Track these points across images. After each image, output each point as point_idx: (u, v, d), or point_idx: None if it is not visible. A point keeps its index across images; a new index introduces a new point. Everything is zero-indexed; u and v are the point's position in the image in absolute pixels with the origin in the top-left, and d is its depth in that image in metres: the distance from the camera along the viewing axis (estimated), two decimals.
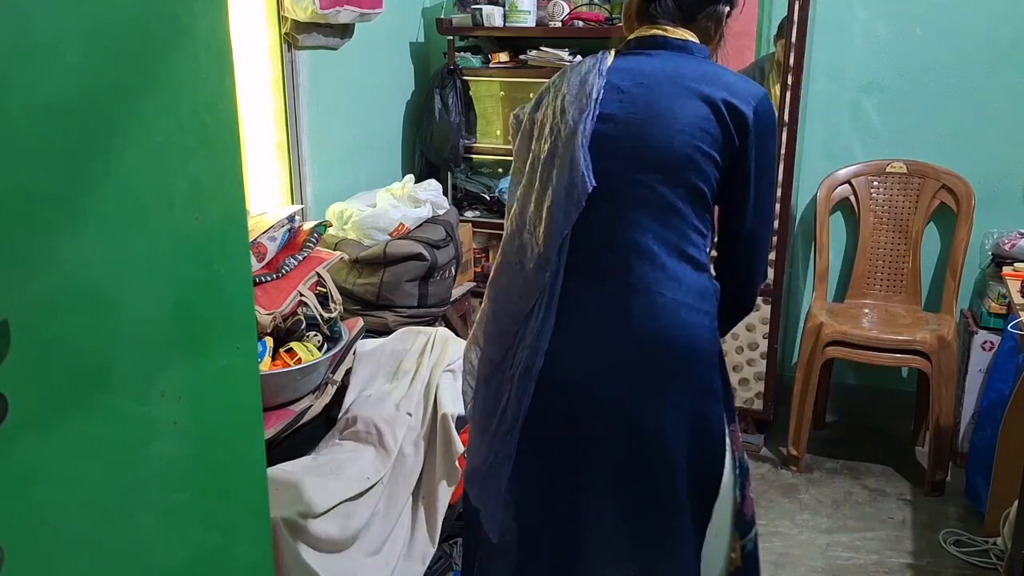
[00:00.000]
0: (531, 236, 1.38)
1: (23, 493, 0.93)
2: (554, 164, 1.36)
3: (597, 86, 1.35)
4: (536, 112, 1.46)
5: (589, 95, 1.34)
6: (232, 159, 1.15)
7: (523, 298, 1.38)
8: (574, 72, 1.41)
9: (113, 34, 0.95)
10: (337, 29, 2.69)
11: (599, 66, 1.39)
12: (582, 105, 1.34)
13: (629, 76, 1.37)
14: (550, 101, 1.42)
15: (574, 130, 1.33)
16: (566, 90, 1.38)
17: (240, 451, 1.26)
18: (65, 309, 0.94)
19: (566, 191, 1.32)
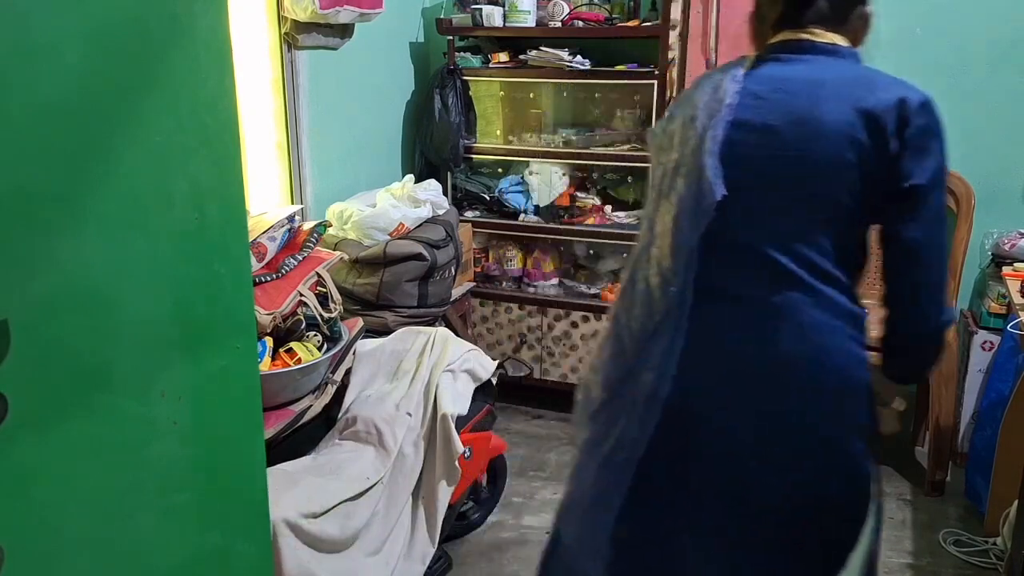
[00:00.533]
0: (658, 250, 1.27)
1: (23, 493, 0.93)
2: (679, 173, 1.26)
3: (731, 91, 1.25)
4: (670, 125, 1.34)
5: (721, 100, 1.25)
6: (232, 159, 1.15)
7: (648, 316, 1.27)
8: (707, 80, 1.32)
9: (113, 34, 0.95)
10: (337, 29, 2.69)
11: (733, 71, 1.29)
12: (712, 111, 1.24)
13: (768, 82, 1.26)
14: (682, 111, 1.32)
15: (702, 136, 1.23)
16: (698, 98, 1.29)
17: (240, 451, 1.26)
18: (65, 309, 0.94)
19: (694, 200, 1.22)
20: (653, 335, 1.26)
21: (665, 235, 1.27)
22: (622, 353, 1.32)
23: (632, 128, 3.19)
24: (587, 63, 3.09)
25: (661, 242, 1.27)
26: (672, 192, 1.27)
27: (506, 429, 3.22)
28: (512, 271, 3.37)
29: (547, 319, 3.29)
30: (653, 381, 1.25)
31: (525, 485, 2.84)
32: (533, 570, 1.61)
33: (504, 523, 2.62)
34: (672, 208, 1.26)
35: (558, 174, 3.24)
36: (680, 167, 1.27)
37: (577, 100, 3.35)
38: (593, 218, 3.23)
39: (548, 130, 3.31)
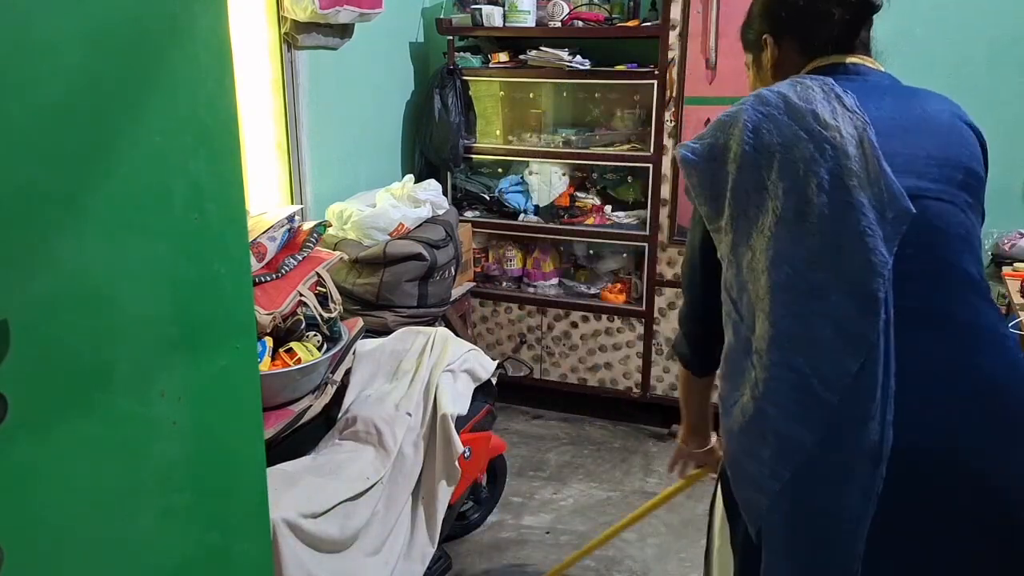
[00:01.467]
0: (827, 275, 1.08)
1: (23, 493, 0.93)
2: (847, 186, 1.09)
3: (854, 99, 1.15)
4: (761, 139, 1.15)
5: (852, 108, 1.13)
6: (232, 159, 1.15)
7: (844, 355, 1.06)
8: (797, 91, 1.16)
9: (113, 34, 0.95)
10: (337, 29, 2.69)
11: (834, 83, 1.18)
12: (851, 119, 1.12)
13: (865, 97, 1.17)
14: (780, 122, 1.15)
15: (861, 143, 1.10)
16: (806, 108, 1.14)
17: (240, 451, 1.26)
18: (65, 309, 0.94)
19: (879, 213, 1.07)
20: (857, 378, 1.05)
21: (837, 255, 1.08)
22: (817, 405, 1.07)
23: (632, 128, 3.19)
24: (587, 63, 3.09)
25: (835, 266, 1.09)
26: (844, 210, 1.08)
27: (506, 429, 3.22)
28: (512, 271, 3.37)
29: (547, 319, 3.29)
30: (872, 433, 1.04)
31: (525, 485, 2.84)
32: (533, 570, 1.61)
33: (504, 523, 2.62)
34: (847, 227, 1.08)
35: (558, 174, 3.24)
36: (842, 178, 1.09)
37: (577, 100, 3.35)
38: (593, 218, 3.23)
39: (548, 130, 3.31)
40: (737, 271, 1.18)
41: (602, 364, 3.26)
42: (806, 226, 1.10)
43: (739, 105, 1.19)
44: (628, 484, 2.86)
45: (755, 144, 1.15)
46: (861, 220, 1.07)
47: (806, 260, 1.10)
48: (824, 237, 1.09)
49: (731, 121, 1.18)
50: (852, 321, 1.06)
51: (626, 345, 3.20)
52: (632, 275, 3.26)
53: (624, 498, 2.77)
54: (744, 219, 1.16)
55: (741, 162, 1.16)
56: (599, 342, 3.24)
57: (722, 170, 1.19)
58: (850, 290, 1.07)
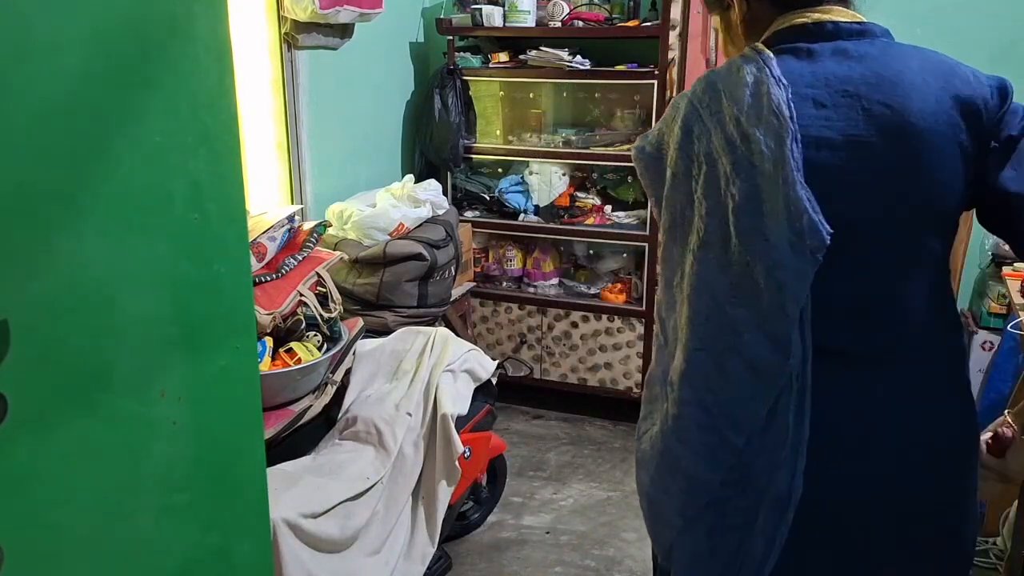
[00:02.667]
0: (746, 311, 0.98)
1: (23, 493, 0.93)
2: (759, 211, 0.96)
3: (783, 98, 0.97)
4: (691, 145, 1.03)
5: (778, 112, 0.96)
6: (232, 159, 1.14)
7: (752, 398, 0.99)
8: (731, 83, 1.01)
9: (113, 34, 0.95)
10: (337, 29, 2.69)
11: (770, 71, 0.99)
12: (773, 127, 0.96)
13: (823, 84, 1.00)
14: (708, 126, 1.01)
15: (778, 160, 0.95)
16: (734, 110, 0.99)
17: (240, 451, 1.25)
18: (65, 309, 0.94)
19: (791, 245, 0.94)
20: (767, 421, 0.99)
21: (755, 293, 0.97)
22: (721, 447, 1.01)
23: (632, 128, 3.19)
24: (587, 63, 3.09)
25: (752, 301, 0.98)
26: (753, 237, 0.97)
27: (506, 429, 3.22)
28: (512, 271, 3.37)
29: (547, 319, 3.29)
30: (780, 481, 0.99)
31: (525, 485, 2.84)
32: (533, 570, 1.60)
33: (504, 523, 2.62)
34: (759, 260, 0.97)
35: (558, 174, 3.24)
36: (756, 201, 0.97)
37: (577, 100, 3.35)
38: (593, 218, 3.23)
39: (548, 130, 3.31)
40: (666, 287, 1.09)
41: (602, 364, 3.26)
42: (727, 254, 0.98)
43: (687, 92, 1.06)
44: (628, 484, 2.86)
45: (686, 150, 1.03)
46: (772, 252, 0.95)
47: (727, 291, 0.99)
48: (743, 268, 0.97)
49: (674, 114, 1.06)
50: (764, 362, 0.97)
51: (626, 345, 3.20)
52: (632, 275, 3.26)
53: (624, 498, 2.77)
54: (679, 231, 1.05)
55: (675, 168, 1.04)
56: (599, 342, 3.24)
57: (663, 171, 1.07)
58: (763, 328, 0.97)
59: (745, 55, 1.04)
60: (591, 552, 2.47)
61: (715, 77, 1.04)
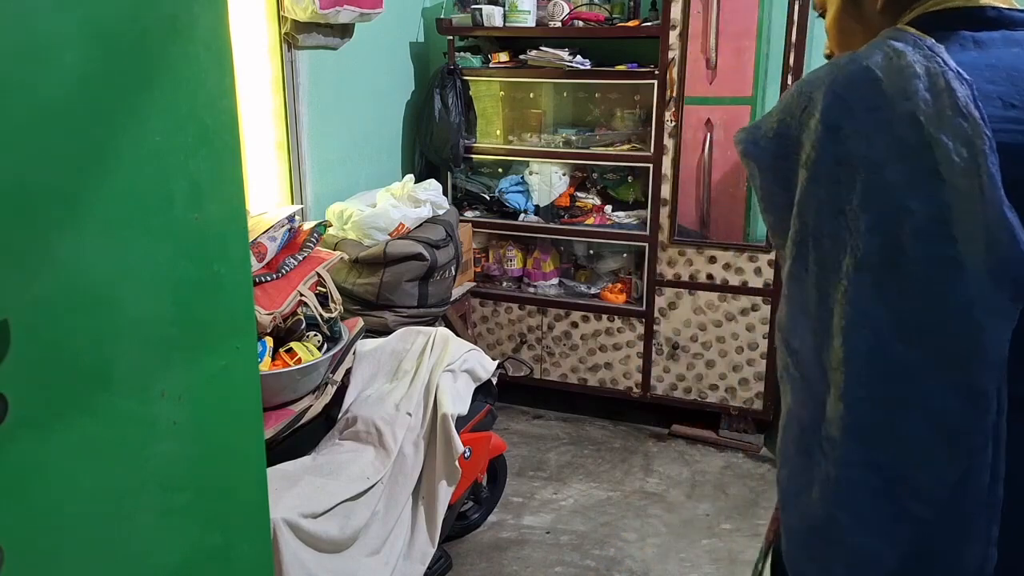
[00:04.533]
0: (921, 353, 0.80)
1: (23, 493, 0.93)
2: (949, 233, 0.78)
3: (969, 96, 0.78)
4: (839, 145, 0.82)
5: (966, 113, 0.78)
6: (232, 159, 1.15)
7: (939, 461, 0.81)
8: (894, 73, 0.81)
9: (113, 34, 0.95)
10: (337, 29, 2.69)
11: (944, 61, 0.80)
12: (963, 131, 0.77)
13: (1005, 80, 0.82)
14: (865, 124, 0.81)
15: (973, 173, 0.77)
16: (907, 106, 0.79)
17: (240, 451, 1.25)
18: (65, 309, 0.94)
19: (992, 278, 0.77)
20: (959, 488, 0.81)
21: (928, 333, 0.80)
22: (903, 521, 0.83)
23: (632, 128, 3.19)
24: (587, 63, 3.09)
25: (927, 340, 0.80)
26: (934, 264, 0.79)
27: (506, 429, 3.22)
28: (512, 271, 3.37)
29: (547, 319, 3.29)
30: (977, 555, 0.82)
31: (525, 485, 2.84)
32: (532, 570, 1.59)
33: (504, 523, 2.62)
34: (947, 291, 0.79)
35: (558, 174, 3.24)
36: (933, 224, 0.79)
37: (577, 100, 3.35)
38: (593, 218, 3.23)
39: (548, 130, 3.31)
40: (794, 312, 0.89)
41: (602, 364, 3.26)
42: (896, 281, 0.80)
43: (817, 75, 0.86)
44: (628, 484, 2.86)
45: (834, 151, 0.82)
46: (969, 286, 0.77)
47: (895, 327, 0.81)
48: (921, 303, 0.79)
49: (805, 103, 0.86)
50: (953, 417, 0.80)
51: (626, 345, 3.20)
52: (632, 275, 3.26)
53: (624, 498, 2.77)
54: (812, 248, 0.86)
55: (814, 171, 0.84)
56: (599, 342, 3.24)
57: (792, 172, 0.88)
58: (951, 378, 0.80)
59: (897, 40, 0.83)
60: (591, 552, 2.47)
61: (868, 63, 0.82)
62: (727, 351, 3.07)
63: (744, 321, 3.02)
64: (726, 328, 3.05)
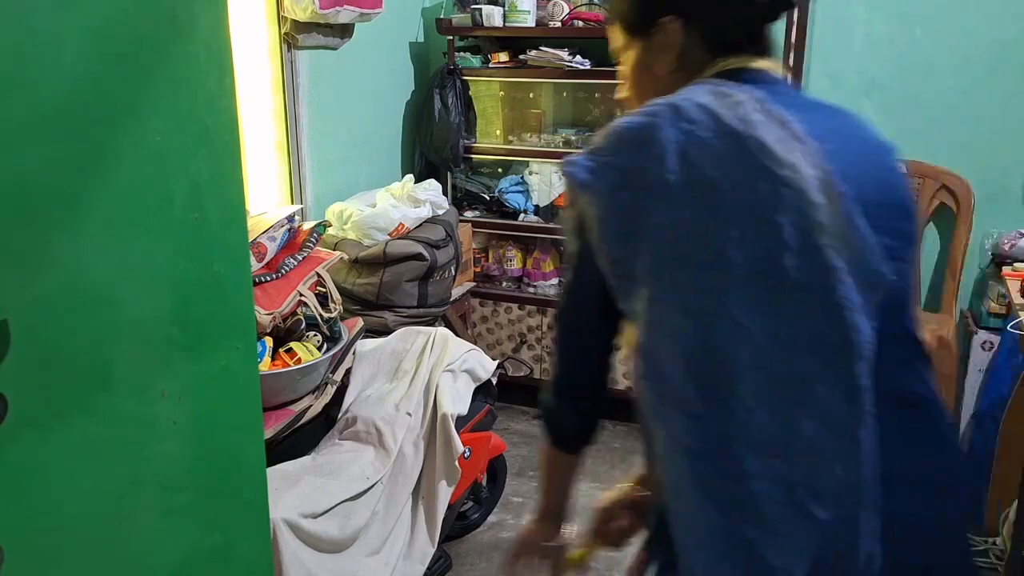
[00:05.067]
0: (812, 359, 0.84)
1: (23, 493, 0.93)
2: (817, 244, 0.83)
3: (793, 123, 0.87)
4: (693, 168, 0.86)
5: (796, 135, 0.86)
6: (232, 159, 1.15)
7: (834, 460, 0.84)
8: (729, 108, 0.87)
9: (113, 34, 0.95)
10: (337, 29, 2.69)
11: (766, 105, 0.89)
12: (807, 154, 0.85)
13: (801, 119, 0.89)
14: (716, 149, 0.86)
15: (829, 188, 0.84)
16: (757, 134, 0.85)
17: (240, 451, 1.25)
18: (65, 309, 0.94)
19: (856, 281, 0.83)
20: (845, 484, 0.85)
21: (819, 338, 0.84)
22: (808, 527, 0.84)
23: None
24: (587, 63, 3.09)
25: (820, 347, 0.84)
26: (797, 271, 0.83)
27: (506, 429, 3.22)
28: (512, 271, 3.37)
29: (547, 319, 3.29)
30: (866, 546, 0.86)
31: (525, 485, 2.84)
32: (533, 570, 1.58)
33: (504, 523, 2.62)
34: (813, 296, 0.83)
35: (558, 174, 3.24)
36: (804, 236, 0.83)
37: (577, 100, 3.35)
38: None
39: (548, 130, 3.31)
40: (661, 337, 0.89)
41: None
42: (772, 294, 0.84)
43: (647, 116, 0.90)
44: None
45: (687, 176, 0.85)
46: (839, 288, 0.82)
47: (776, 338, 0.84)
48: (799, 311, 0.84)
49: (643, 139, 0.89)
50: (841, 417, 0.84)
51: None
52: None
53: None
54: (676, 270, 0.87)
55: (667, 195, 0.86)
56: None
57: (637, 202, 0.89)
58: (836, 378, 0.84)
59: (709, 82, 0.93)
60: None
61: (689, 100, 0.89)
62: None
63: None
64: None
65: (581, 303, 1.05)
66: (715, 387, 0.85)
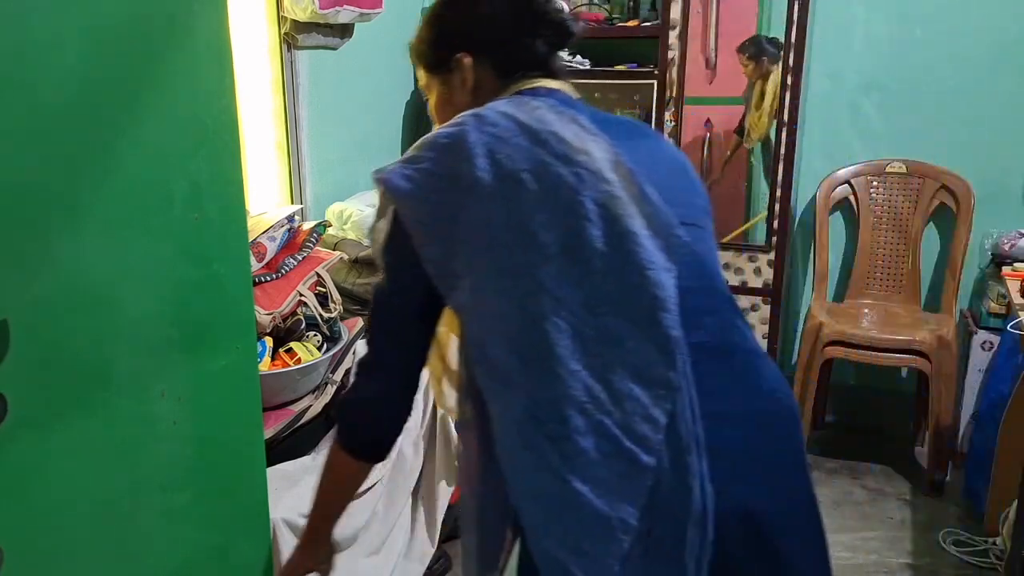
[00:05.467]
0: (621, 319, 0.93)
1: (23, 493, 0.93)
2: (617, 216, 0.94)
3: (584, 119, 1.02)
4: (498, 166, 0.96)
5: (587, 128, 1.00)
6: (231, 159, 1.15)
7: (655, 408, 0.92)
8: (527, 112, 1.00)
9: (112, 34, 0.95)
10: (337, 29, 2.69)
11: (557, 105, 1.04)
12: (598, 141, 0.98)
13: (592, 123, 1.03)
14: (519, 147, 0.97)
15: (613, 162, 0.96)
16: (552, 128, 0.98)
17: (240, 451, 1.26)
18: (65, 309, 0.94)
19: (654, 242, 0.94)
20: (670, 431, 0.91)
21: (625, 300, 0.94)
22: (637, 475, 0.91)
23: None
24: (587, 63, 3.08)
25: (628, 309, 0.94)
26: (603, 241, 0.93)
27: None
28: None
29: None
30: (698, 490, 0.91)
31: None
32: None
33: None
34: (618, 264, 0.93)
35: None
36: (605, 209, 0.93)
37: None
38: None
39: None
40: (485, 323, 0.98)
41: None
42: (580, 265, 0.93)
43: (456, 127, 1.00)
44: None
45: (494, 172, 0.95)
46: (639, 251, 0.92)
47: (587, 304, 0.92)
48: (606, 276, 0.93)
49: (454, 144, 0.98)
50: (654, 367, 0.91)
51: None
52: None
53: None
54: (491, 257, 0.96)
55: (478, 193, 0.95)
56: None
57: (452, 203, 0.98)
58: (645, 332, 0.92)
59: (511, 97, 1.08)
60: None
61: (493, 109, 1.00)
62: None
63: None
64: None
65: (399, 306, 1.08)
66: (538, 358, 0.93)
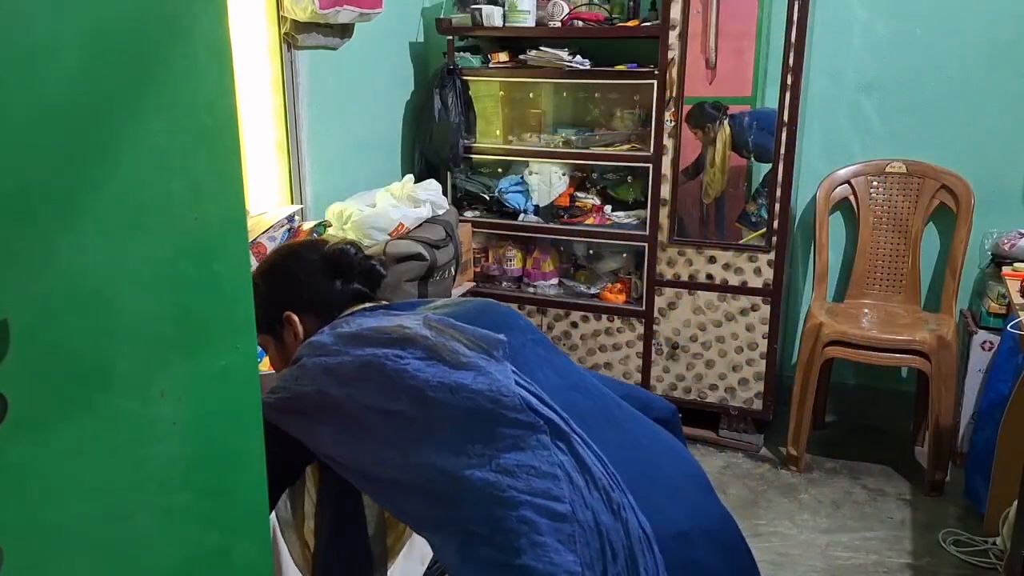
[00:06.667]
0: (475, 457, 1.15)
1: (22, 493, 0.93)
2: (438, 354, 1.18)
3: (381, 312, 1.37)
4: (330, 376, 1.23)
5: (394, 314, 1.31)
6: (231, 159, 1.14)
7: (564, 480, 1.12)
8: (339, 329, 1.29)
9: (112, 34, 0.95)
10: (337, 29, 2.69)
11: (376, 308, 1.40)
12: (409, 317, 1.27)
13: None
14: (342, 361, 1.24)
15: (423, 322, 1.22)
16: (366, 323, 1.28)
17: (240, 451, 1.25)
18: (65, 309, 0.94)
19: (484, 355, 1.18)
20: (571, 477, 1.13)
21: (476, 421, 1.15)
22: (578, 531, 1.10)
23: (632, 128, 3.19)
24: (587, 63, 3.09)
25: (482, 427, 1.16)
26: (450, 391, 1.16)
27: None
28: (512, 271, 3.37)
29: (547, 319, 3.29)
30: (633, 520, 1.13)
31: None
32: None
33: None
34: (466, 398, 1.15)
35: (558, 174, 3.24)
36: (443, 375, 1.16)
37: (577, 100, 3.35)
38: (593, 218, 3.23)
39: (548, 130, 3.31)
40: (388, 490, 1.24)
41: (602, 364, 3.26)
42: (440, 410, 1.14)
43: (295, 364, 1.28)
44: None
45: (335, 383, 1.21)
46: (473, 382, 1.13)
47: (463, 435, 1.13)
48: (456, 408, 1.13)
49: (300, 374, 1.25)
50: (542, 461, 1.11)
51: (626, 345, 3.20)
52: (632, 275, 3.26)
53: None
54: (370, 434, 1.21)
55: (330, 403, 1.21)
56: (599, 342, 3.24)
57: (314, 413, 1.24)
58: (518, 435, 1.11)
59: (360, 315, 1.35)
60: None
61: (315, 339, 1.29)
62: (727, 351, 3.07)
63: (744, 321, 3.02)
64: (726, 328, 3.05)
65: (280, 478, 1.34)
66: (439, 494, 1.14)
